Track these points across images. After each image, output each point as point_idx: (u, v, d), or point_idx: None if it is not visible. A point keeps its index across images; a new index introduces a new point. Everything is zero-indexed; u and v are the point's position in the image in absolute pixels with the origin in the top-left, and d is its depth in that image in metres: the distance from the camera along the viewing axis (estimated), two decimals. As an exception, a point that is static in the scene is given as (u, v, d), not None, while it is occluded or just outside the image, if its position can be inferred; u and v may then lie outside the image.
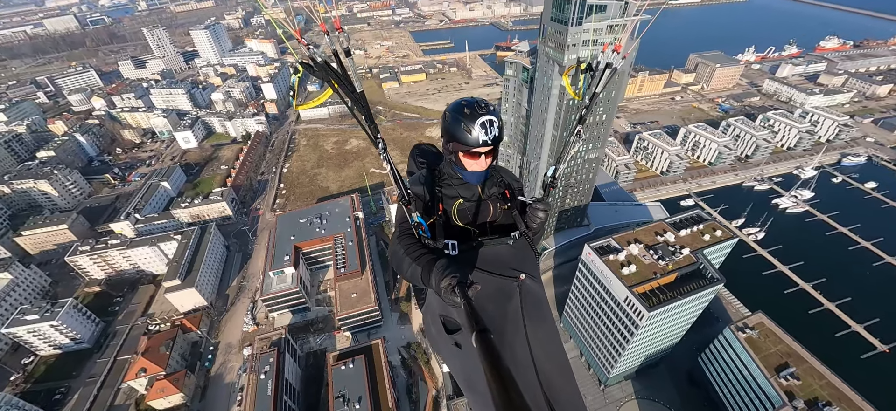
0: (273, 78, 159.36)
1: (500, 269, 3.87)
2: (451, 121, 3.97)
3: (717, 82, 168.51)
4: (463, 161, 4.18)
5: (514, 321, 3.46)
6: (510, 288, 3.71)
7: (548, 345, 3.42)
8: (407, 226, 3.98)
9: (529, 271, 3.88)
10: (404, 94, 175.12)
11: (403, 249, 3.67)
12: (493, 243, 4.17)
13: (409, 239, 3.84)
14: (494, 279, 3.78)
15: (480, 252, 4.08)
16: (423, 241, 3.87)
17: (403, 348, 76.70)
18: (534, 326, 3.46)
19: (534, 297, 3.71)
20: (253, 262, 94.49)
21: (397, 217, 4.20)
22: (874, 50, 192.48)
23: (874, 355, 72.34)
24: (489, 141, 3.83)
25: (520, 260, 4.08)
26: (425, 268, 3.20)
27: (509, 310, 3.54)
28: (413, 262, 3.42)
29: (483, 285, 3.57)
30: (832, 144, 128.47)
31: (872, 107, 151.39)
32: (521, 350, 3.29)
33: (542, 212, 4.38)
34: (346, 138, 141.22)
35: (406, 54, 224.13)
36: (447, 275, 2.82)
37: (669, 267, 56.81)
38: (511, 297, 3.63)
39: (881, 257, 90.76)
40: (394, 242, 3.96)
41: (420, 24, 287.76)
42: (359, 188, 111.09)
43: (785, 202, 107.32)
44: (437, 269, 2.97)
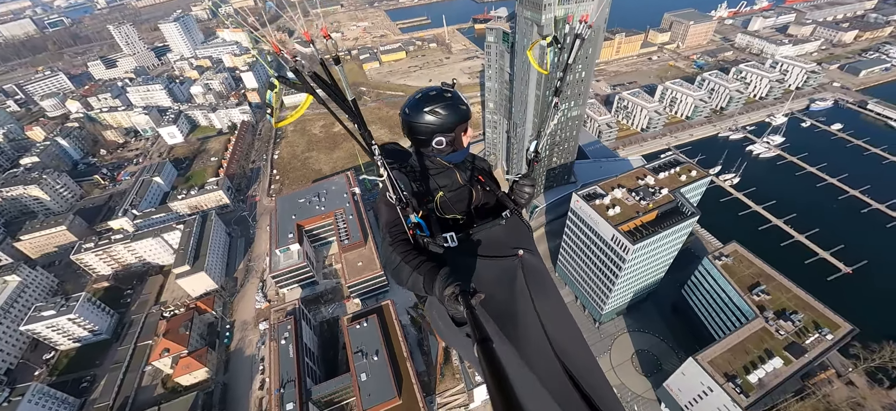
0: (251, 66, 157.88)
1: (499, 250, 3.94)
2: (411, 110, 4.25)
3: (691, 39, 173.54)
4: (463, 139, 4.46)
5: (522, 299, 3.55)
6: (512, 266, 3.79)
7: (557, 316, 3.51)
8: (398, 232, 3.89)
9: (526, 246, 3.98)
10: (386, 74, 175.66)
11: (400, 257, 3.58)
12: (487, 226, 4.23)
13: (403, 246, 3.74)
14: (496, 261, 3.83)
15: (477, 236, 4.12)
16: (419, 244, 3.79)
17: (411, 308, 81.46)
18: (541, 300, 3.56)
19: (535, 271, 3.81)
20: (257, 245, 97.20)
21: (384, 220, 4.09)
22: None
23: (839, 276, 79.89)
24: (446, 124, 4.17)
25: (515, 237, 4.18)
26: (427, 277, 3.19)
27: (516, 289, 3.63)
28: (413, 272, 3.38)
29: (486, 270, 3.75)
30: (801, 91, 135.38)
31: (838, 53, 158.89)
32: (534, 327, 3.38)
33: (528, 188, 4.56)
34: (333, 122, 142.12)
35: (383, 34, 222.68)
36: (450, 284, 2.84)
37: (650, 206, 62.11)
38: (515, 276, 3.71)
39: (846, 191, 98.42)
40: (387, 251, 3.85)
41: (395, 3, 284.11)
42: (352, 167, 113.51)
43: (757, 148, 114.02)
44: (441, 279, 2.97)
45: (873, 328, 64.10)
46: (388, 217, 4.04)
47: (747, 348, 54.86)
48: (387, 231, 4.00)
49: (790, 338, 54.94)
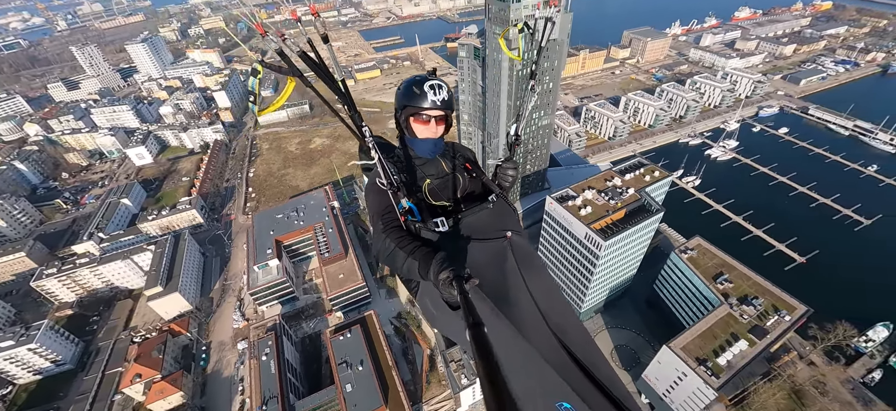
0: (224, 86, 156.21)
1: (488, 233, 4.04)
2: (404, 90, 4.26)
3: (650, 55, 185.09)
4: (415, 128, 4.41)
5: (513, 277, 3.63)
6: (502, 248, 3.87)
7: (547, 292, 3.61)
8: (391, 219, 3.94)
9: (513, 228, 4.09)
10: (361, 91, 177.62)
11: (394, 244, 3.62)
12: (475, 211, 4.34)
13: (397, 232, 3.79)
14: (486, 244, 3.92)
15: (466, 221, 4.23)
16: (411, 230, 3.85)
17: (394, 319, 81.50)
18: (531, 277, 3.65)
19: (524, 251, 3.89)
20: (233, 264, 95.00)
21: (375, 209, 4.15)
22: (780, 16, 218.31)
23: (794, 266, 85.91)
24: (438, 102, 4.13)
25: (503, 220, 4.30)
26: (422, 262, 3.24)
27: (507, 269, 3.70)
28: (408, 257, 3.42)
29: (478, 252, 3.84)
30: (750, 99, 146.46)
31: (781, 65, 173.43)
32: (526, 304, 3.47)
33: (511, 170, 4.72)
34: (309, 138, 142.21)
35: (358, 53, 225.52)
36: (444, 269, 2.89)
37: (619, 205, 65.76)
38: (505, 257, 3.79)
39: (795, 188, 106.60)
40: (379, 237, 3.86)
41: (368, 23, 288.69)
42: (330, 182, 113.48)
43: (715, 152, 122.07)
44: (436, 264, 3.02)
45: (827, 310, 69.30)
46: (380, 204, 4.10)
47: (715, 333, 58.35)
48: (379, 218, 4.03)
49: (753, 322, 58.91)
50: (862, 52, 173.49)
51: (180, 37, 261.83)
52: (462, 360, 66.56)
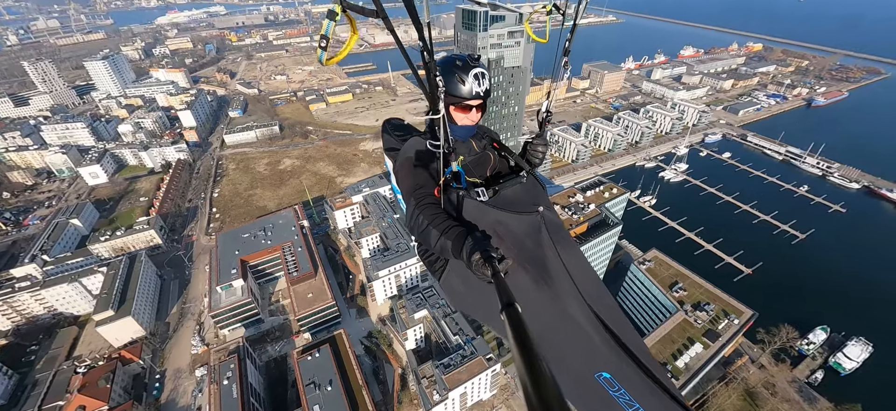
0: (190, 105, 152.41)
1: (522, 207, 4.07)
2: (444, 74, 4.08)
3: (607, 86, 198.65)
4: (455, 115, 4.38)
5: (549, 250, 3.76)
6: (536, 221, 3.94)
7: (580, 264, 3.77)
8: (423, 194, 3.93)
9: (544, 204, 4.17)
10: (333, 114, 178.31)
11: (428, 221, 3.57)
12: (509, 185, 4.41)
13: (432, 209, 3.73)
14: (521, 217, 3.94)
15: (503, 193, 4.30)
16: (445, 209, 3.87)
17: (365, 339, 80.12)
18: (563, 249, 3.78)
19: (555, 224, 4.01)
20: (193, 287, 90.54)
21: (409, 186, 4.13)
22: (719, 55, 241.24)
23: (742, 276, 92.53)
24: (482, 92, 4.15)
25: (534, 195, 4.41)
26: (455, 241, 3.20)
27: (542, 242, 3.82)
28: (441, 235, 3.37)
29: (515, 224, 3.90)
30: (696, 127, 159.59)
31: (721, 97, 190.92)
32: (562, 275, 3.61)
33: (541, 147, 4.76)
34: (279, 159, 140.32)
35: (329, 77, 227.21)
36: (478, 249, 2.84)
37: (581, 219, 69.63)
38: (540, 229, 3.89)
39: (739, 206, 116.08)
40: (413, 215, 3.79)
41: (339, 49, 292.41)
42: (300, 202, 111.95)
43: (668, 174, 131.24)
44: (469, 244, 2.98)
45: (773, 316, 75.14)
46: (415, 180, 4.10)
47: (673, 338, 61.87)
48: (412, 195, 3.99)
49: (706, 326, 63.08)
50: (788, 87, 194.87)
51: (144, 56, 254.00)
52: (434, 376, 66.18)
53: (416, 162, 4.21)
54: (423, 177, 4.10)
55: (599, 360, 3.34)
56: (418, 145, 4.41)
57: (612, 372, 3.29)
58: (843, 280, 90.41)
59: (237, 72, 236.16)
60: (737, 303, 66.27)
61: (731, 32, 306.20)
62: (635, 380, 3.25)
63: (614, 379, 3.26)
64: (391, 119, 5.57)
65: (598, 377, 3.31)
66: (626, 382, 3.24)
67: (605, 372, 3.30)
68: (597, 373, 3.31)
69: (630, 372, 3.28)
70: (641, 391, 3.20)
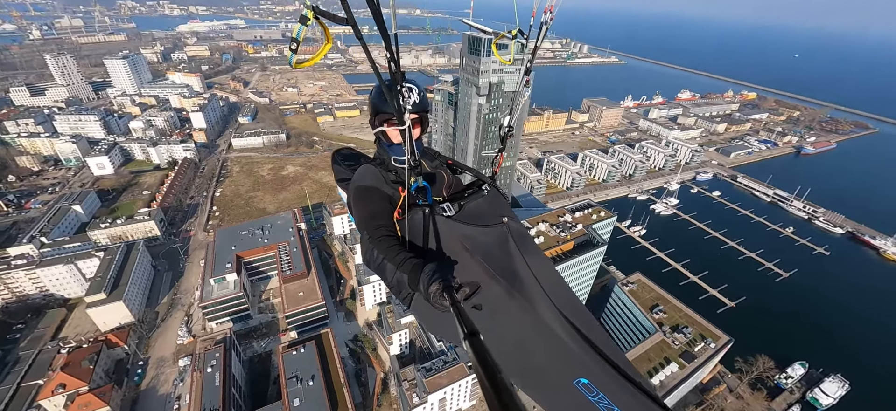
0: (202, 107, 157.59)
1: (488, 220, 4.14)
2: (375, 96, 4.24)
3: (605, 121, 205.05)
4: (390, 134, 4.40)
5: (517, 257, 3.83)
6: (502, 232, 4.00)
7: (546, 269, 3.84)
8: (378, 225, 3.85)
9: (508, 214, 4.25)
10: (339, 127, 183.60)
11: (383, 255, 3.52)
12: (474, 197, 4.46)
13: (387, 241, 3.68)
14: (487, 229, 4.00)
15: (467, 208, 4.34)
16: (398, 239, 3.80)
17: (350, 341, 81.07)
18: (530, 257, 3.87)
19: (520, 233, 4.08)
20: (186, 279, 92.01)
21: (361, 216, 4.01)
22: (714, 100, 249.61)
23: (725, 309, 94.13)
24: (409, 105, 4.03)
25: (498, 207, 4.41)
26: (411, 274, 3.15)
27: (511, 250, 3.89)
28: (397, 268, 3.32)
29: (483, 236, 3.93)
30: (689, 165, 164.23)
31: (714, 139, 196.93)
32: (530, 282, 3.66)
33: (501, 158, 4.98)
34: (283, 165, 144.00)
35: (339, 93, 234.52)
36: (434, 280, 2.83)
37: (568, 237, 72.19)
38: (507, 240, 3.95)
39: (726, 242, 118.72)
40: (367, 248, 3.77)
41: (352, 68, 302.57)
42: (300, 206, 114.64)
43: (659, 207, 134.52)
44: (425, 276, 2.95)
45: (752, 347, 76.55)
46: (366, 211, 4.00)
47: (650, 356, 63.24)
48: (364, 227, 3.90)
49: (683, 347, 64.57)
50: (779, 134, 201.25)
51: (162, 60, 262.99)
52: (415, 379, 67.02)
53: (367, 190, 4.09)
54: (375, 205, 4.00)
55: (577, 366, 3.33)
56: (369, 172, 4.30)
57: (590, 378, 3.29)
58: (823, 319, 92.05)
59: (251, 81, 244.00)
60: (714, 328, 67.97)
61: (727, 80, 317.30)
62: (612, 385, 3.26)
63: (592, 384, 3.26)
64: (341, 149, 5.44)
65: (576, 383, 3.28)
66: (604, 387, 3.24)
67: (582, 378, 3.29)
68: (575, 380, 3.29)
69: (606, 378, 3.29)
70: (619, 394, 3.21)
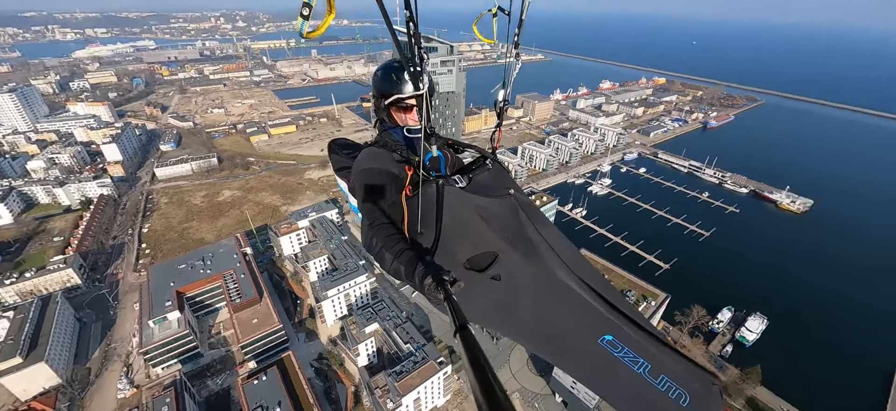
0: (115, 138, 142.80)
1: (497, 192, 4.17)
2: (382, 77, 4.17)
3: (538, 114, 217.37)
4: (396, 116, 4.37)
5: (528, 226, 3.91)
6: (512, 203, 4.07)
7: (556, 237, 3.92)
8: (378, 215, 3.72)
9: (513, 186, 4.28)
10: (276, 145, 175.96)
11: (381, 244, 3.47)
12: (481, 170, 4.46)
13: (385, 230, 3.58)
14: (499, 200, 4.05)
15: (476, 181, 4.32)
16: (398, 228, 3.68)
17: (315, 361, 78.65)
18: (541, 226, 3.95)
19: (528, 205, 4.14)
20: (119, 327, 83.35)
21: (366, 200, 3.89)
22: (631, 87, 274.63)
23: (662, 271, 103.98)
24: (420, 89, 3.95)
25: (503, 179, 4.41)
26: (407, 266, 3.15)
27: (521, 220, 3.95)
28: (395, 259, 3.29)
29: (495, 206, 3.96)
30: (616, 147, 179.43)
31: (635, 122, 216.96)
32: (545, 248, 3.76)
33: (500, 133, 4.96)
34: (218, 191, 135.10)
35: (272, 110, 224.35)
36: (429, 274, 2.82)
37: (519, 223, 76.45)
38: (516, 210, 4.02)
39: (655, 212, 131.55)
40: (368, 234, 3.68)
41: (282, 84, 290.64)
42: (242, 231, 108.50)
43: (595, 188, 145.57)
44: (420, 270, 2.94)
45: (688, 300, 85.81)
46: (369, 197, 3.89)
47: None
48: (367, 213, 3.79)
49: (628, 310, 71.30)
50: (688, 113, 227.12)
51: (59, 90, 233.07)
52: (386, 385, 66.91)
53: (371, 173, 3.99)
54: (375, 193, 3.90)
55: (600, 325, 3.43)
56: (373, 154, 4.22)
57: (614, 334, 3.38)
58: (740, 267, 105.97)
59: (169, 106, 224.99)
60: (654, 289, 75.85)
61: (641, 69, 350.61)
62: (634, 338, 3.38)
63: (617, 339, 3.36)
64: (337, 139, 5.51)
65: (600, 342, 3.37)
66: (628, 342, 3.35)
67: (607, 335, 3.37)
68: (599, 339, 3.37)
69: (629, 331, 3.40)
70: (642, 347, 3.34)
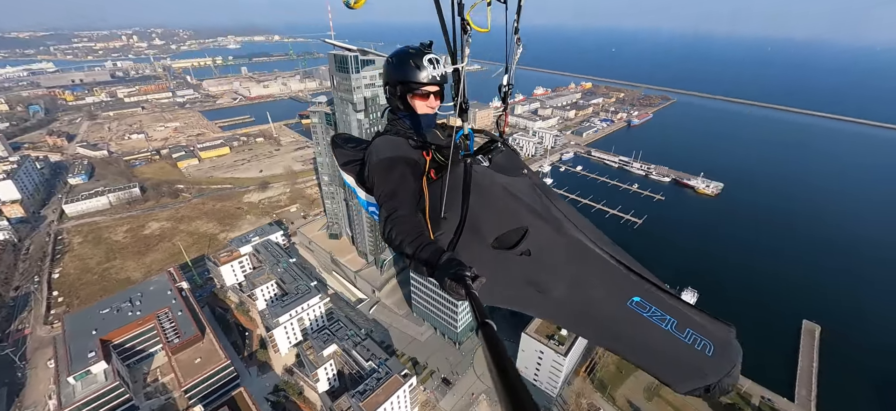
0: (11, 174, 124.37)
1: (514, 172, 4.29)
2: (398, 63, 4.16)
3: (479, 121, 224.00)
4: (414, 104, 4.35)
5: (544, 201, 4.03)
6: (529, 181, 4.19)
7: (572, 212, 4.07)
8: (394, 207, 3.58)
9: (525, 168, 4.48)
10: (208, 169, 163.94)
11: (401, 236, 3.35)
12: (498, 152, 4.55)
13: (405, 222, 3.45)
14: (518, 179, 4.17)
15: (495, 161, 4.38)
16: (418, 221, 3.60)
17: (270, 394, 74.12)
18: (557, 202, 4.09)
19: (541, 183, 4.30)
20: (31, 389, 72.45)
21: (384, 192, 3.77)
22: (562, 92, 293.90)
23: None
24: (438, 76, 4.13)
25: (515, 161, 4.55)
26: (428, 261, 3.03)
27: (539, 196, 4.09)
28: (415, 253, 3.16)
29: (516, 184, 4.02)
30: (554, 149, 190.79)
31: (568, 124, 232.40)
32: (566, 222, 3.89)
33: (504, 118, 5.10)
34: (143, 223, 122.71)
35: (200, 132, 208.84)
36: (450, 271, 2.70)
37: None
38: (534, 188, 4.16)
39: (594, 206, 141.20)
40: (385, 225, 3.51)
41: (211, 104, 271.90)
42: (176, 265, 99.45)
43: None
44: (441, 268, 2.82)
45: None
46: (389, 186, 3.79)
47: (555, 314, 72.75)
48: (385, 203, 3.67)
49: (578, 298, 75.88)
50: (614, 113, 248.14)
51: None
52: (351, 407, 64.89)
53: (392, 162, 3.92)
54: (398, 180, 3.81)
55: (629, 288, 3.60)
56: (390, 143, 4.14)
57: (641, 295, 3.55)
58: (671, 248, 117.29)
59: (77, 134, 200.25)
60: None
61: (568, 75, 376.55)
62: (658, 296, 3.56)
63: (644, 300, 3.53)
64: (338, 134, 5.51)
65: (629, 304, 3.53)
66: (654, 300, 3.53)
67: (635, 297, 3.53)
68: (628, 301, 3.53)
69: (654, 292, 3.56)
70: (667, 304, 3.54)
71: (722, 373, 3.54)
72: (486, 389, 76.50)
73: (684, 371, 3.56)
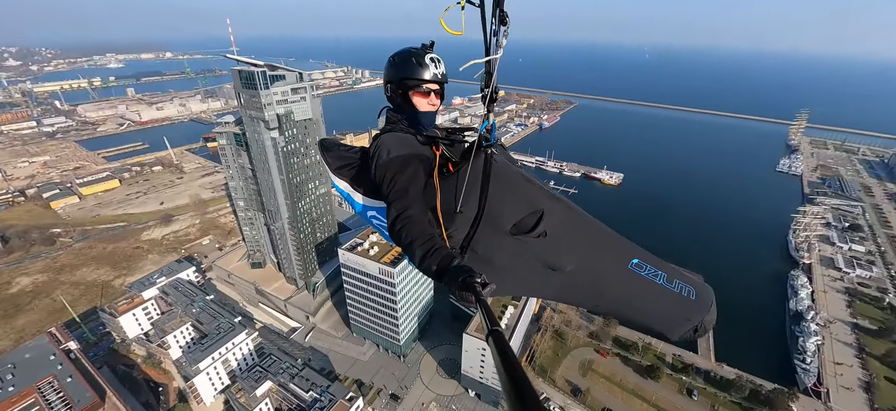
0: None
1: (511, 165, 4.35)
2: (400, 62, 4.19)
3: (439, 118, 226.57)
4: (416, 101, 4.31)
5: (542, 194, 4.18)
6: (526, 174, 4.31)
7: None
8: (403, 205, 3.45)
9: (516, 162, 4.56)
10: (93, 207, 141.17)
11: (411, 238, 3.23)
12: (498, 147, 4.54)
13: (416, 225, 3.32)
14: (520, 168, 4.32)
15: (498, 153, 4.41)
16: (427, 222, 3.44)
17: (197, 449, 66.19)
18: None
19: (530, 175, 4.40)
20: None
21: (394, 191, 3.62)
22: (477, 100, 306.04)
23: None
24: (439, 75, 4.17)
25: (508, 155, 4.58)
26: (439, 266, 2.94)
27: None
28: (425, 257, 3.05)
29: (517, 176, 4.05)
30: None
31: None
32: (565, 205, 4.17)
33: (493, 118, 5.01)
34: (8, 280, 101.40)
35: (79, 165, 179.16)
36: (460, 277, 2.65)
37: (404, 238, 78.90)
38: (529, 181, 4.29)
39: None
40: (394, 225, 3.39)
41: (90, 131, 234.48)
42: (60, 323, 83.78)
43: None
44: (451, 274, 2.78)
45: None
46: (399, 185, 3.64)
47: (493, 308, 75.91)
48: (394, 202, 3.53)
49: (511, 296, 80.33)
50: (526, 118, 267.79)
51: None
52: (293, 444, 60.89)
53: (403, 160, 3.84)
54: (406, 181, 3.71)
55: (629, 252, 4.02)
56: (398, 140, 4.05)
57: (638, 257, 4.00)
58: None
59: None
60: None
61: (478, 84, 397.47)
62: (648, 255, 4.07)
63: (641, 261, 4.00)
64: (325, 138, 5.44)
65: (630, 266, 3.92)
66: (647, 259, 4.05)
67: (634, 259, 3.95)
68: (629, 264, 3.92)
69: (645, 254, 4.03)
70: (656, 261, 4.08)
71: (704, 313, 4.15)
72: (436, 397, 77.07)
73: (675, 320, 4.15)
